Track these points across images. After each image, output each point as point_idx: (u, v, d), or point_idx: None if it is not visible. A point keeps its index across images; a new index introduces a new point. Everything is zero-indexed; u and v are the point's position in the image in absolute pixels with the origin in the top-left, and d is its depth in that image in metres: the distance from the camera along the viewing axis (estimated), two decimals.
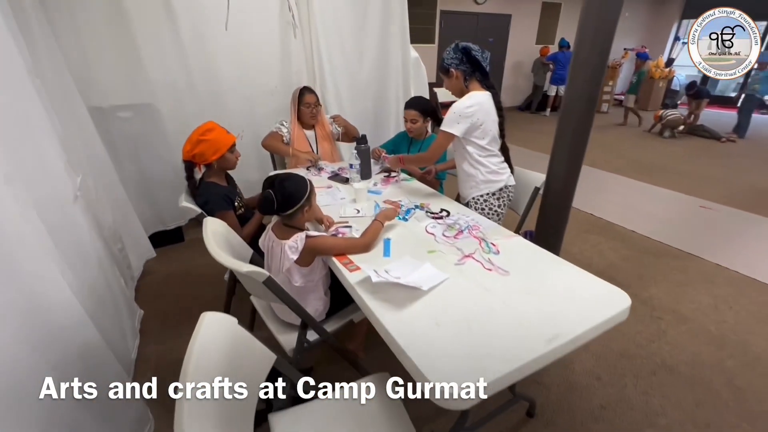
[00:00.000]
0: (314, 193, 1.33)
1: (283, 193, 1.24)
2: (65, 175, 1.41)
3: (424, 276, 1.18)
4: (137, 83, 2.32)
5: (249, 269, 1.05)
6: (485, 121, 1.58)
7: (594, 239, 2.88)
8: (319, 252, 1.31)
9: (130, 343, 1.68)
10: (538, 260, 1.30)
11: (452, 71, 1.58)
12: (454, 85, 1.63)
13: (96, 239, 1.58)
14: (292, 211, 1.27)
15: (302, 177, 1.31)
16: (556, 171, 1.63)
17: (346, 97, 3.09)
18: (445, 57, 1.59)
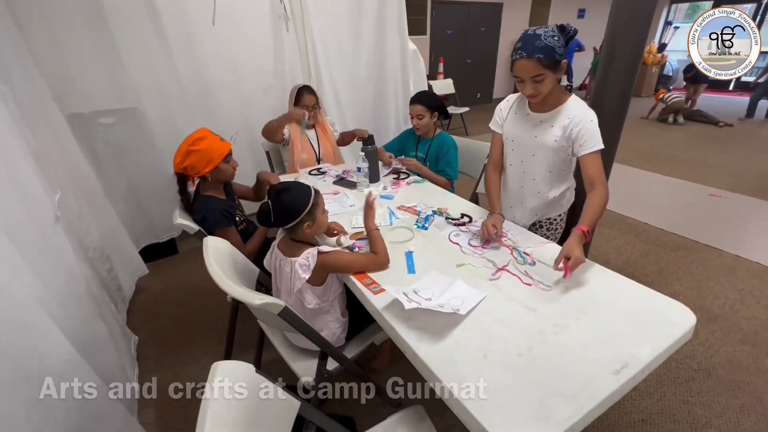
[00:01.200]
0: (319, 206, 1.19)
1: (280, 204, 1.11)
2: (42, 193, 1.24)
3: (458, 296, 1.05)
4: (119, 86, 2.13)
5: (263, 301, 0.91)
6: None
7: (608, 234, 2.78)
8: (335, 270, 1.18)
9: (130, 373, 1.53)
10: (578, 270, 1.18)
11: (564, 62, 1.19)
12: (552, 82, 1.20)
13: (82, 263, 1.42)
14: (291, 225, 1.13)
15: (306, 187, 1.18)
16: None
17: (343, 93, 2.94)
18: (554, 44, 1.15)
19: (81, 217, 1.64)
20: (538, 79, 1.17)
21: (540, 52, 1.14)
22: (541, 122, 1.31)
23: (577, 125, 1.22)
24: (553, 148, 1.30)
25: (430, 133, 2.07)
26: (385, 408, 1.50)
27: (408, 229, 1.44)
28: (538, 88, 1.19)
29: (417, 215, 1.53)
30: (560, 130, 1.26)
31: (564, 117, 1.26)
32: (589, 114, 1.23)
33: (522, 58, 1.16)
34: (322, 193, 1.75)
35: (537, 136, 1.32)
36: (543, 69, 1.15)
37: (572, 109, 1.25)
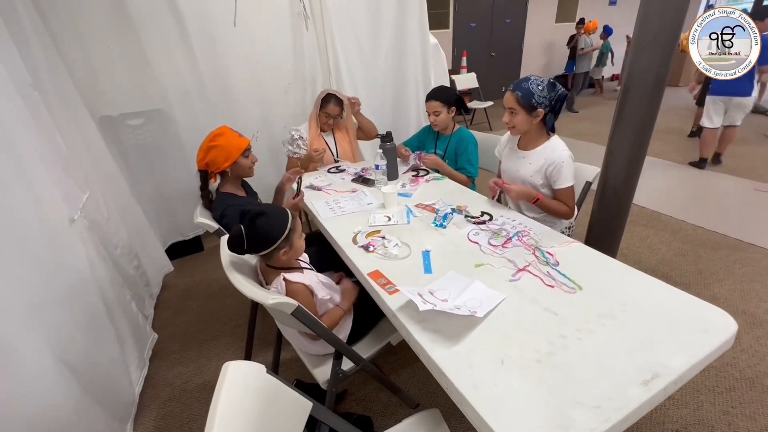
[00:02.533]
0: (296, 230, 1.12)
1: (255, 231, 1.03)
2: (57, 197, 1.29)
3: (476, 297, 1.01)
4: (146, 89, 2.20)
5: (275, 300, 0.91)
6: None
7: (641, 232, 2.64)
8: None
9: (135, 376, 1.57)
10: (605, 271, 1.11)
11: (539, 110, 1.41)
12: (524, 122, 1.44)
13: (99, 263, 1.47)
14: (265, 253, 1.08)
15: (283, 211, 1.10)
16: (615, 164, 1.42)
17: (363, 90, 2.91)
18: (536, 91, 1.38)
19: (109, 217, 1.70)
20: (513, 112, 1.43)
21: (520, 91, 1.40)
22: (523, 158, 1.54)
23: (551, 166, 1.44)
24: (527, 181, 1.52)
25: (449, 129, 2.02)
26: (403, 409, 1.49)
27: (424, 228, 1.40)
28: (512, 120, 1.45)
29: (435, 213, 1.49)
30: (536, 168, 1.49)
31: (540, 157, 1.48)
32: (562, 155, 1.42)
33: (509, 90, 1.44)
34: (340, 191, 1.78)
35: (519, 170, 1.55)
36: (517, 105, 1.41)
37: (548, 152, 1.46)
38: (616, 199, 1.45)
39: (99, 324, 1.42)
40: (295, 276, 1.12)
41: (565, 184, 1.43)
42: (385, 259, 1.23)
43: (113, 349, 1.47)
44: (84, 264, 1.40)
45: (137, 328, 1.66)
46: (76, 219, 1.40)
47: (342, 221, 1.51)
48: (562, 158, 1.42)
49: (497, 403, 0.73)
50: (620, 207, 1.47)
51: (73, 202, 1.41)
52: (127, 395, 1.52)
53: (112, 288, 1.55)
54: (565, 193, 1.45)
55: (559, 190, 1.46)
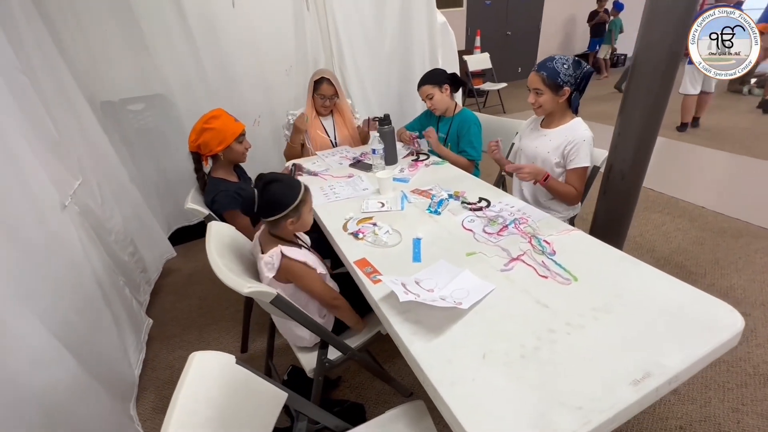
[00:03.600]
0: (307, 203, 1.13)
1: (267, 195, 1.06)
2: (47, 182, 1.29)
3: (464, 288, 0.97)
4: (146, 74, 2.19)
5: (252, 289, 0.89)
6: None
7: (656, 219, 2.52)
8: (294, 280, 1.11)
9: (133, 359, 1.60)
10: (605, 262, 1.05)
11: (565, 89, 1.39)
12: (550, 101, 1.42)
13: (91, 248, 1.48)
14: (273, 219, 1.08)
15: (296, 182, 1.13)
16: (624, 146, 1.33)
17: (367, 73, 2.83)
18: (561, 70, 1.36)
19: (104, 203, 1.71)
20: (538, 93, 1.41)
21: (546, 71, 1.37)
22: (544, 135, 1.51)
23: (570, 144, 1.41)
24: (544, 158, 1.49)
25: (450, 111, 1.93)
26: (397, 397, 1.47)
27: (417, 215, 1.35)
28: (538, 100, 1.42)
29: (431, 200, 1.44)
30: (555, 146, 1.45)
31: (561, 135, 1.44)
32: (584, 134, 1.39)
33: (534, 70, 1.41)
34: (336, 177, 1.74)
35: (538, 146, 1.52)
36: (543, 85, 1.39)
37: (570, 130, 1.43)
38: (623, 183, 1.36)
39: (95, 307, 1.44)
40: (293, 251, 1.09)
41: (580, 164, 1.39)
42: (375, 246, 1.19)
43: (111, 332, 1.49)
44: (78, 249, 1.41)
45: (132, 313, 1.68)
46: (67, 205, 1.40)
47: (335, 207, 1.47)
48: (583, 137, 1.39)
49: (473, 401, 0.70)
50: (628, 192, 1.38)
51: (63, 188, 1.42)
52: (128, 377, 1.55)
53: (106, 273, 1.57)
54: (576, 174, 1.42)
55: (572, 171, 1.42)
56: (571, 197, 1.43)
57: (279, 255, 1.07)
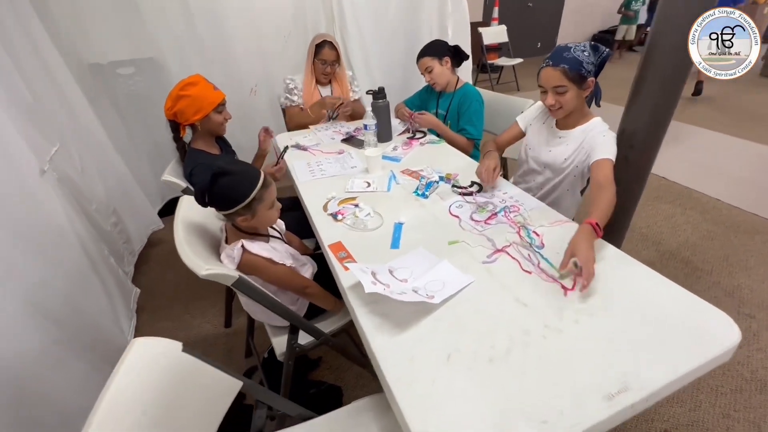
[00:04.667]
0: (265, 201, 1.01)
1: (216, 189, 0.95)
2: (25, 147, 1.24)
3: (439, 279, 0.90)
4: (136, 36, 2.08)
5: (210, 272, 0.83)
6: None
7: (666, 210, 2.39)
8: (258, 276, 1.03)
9: (125, 325, 1.59)
10: (597, 259, 0.96)
11: (590, 80, 1.16)
12: (575, 98, 1.17)
13: (75, 217, 1.45)
14: (226, 214, 0.99)
15: (254, 177, 0.98)
16: (632, 130, 1.21)
17: (371, 43, 2.68)
18: (583, 58, 1.12)
19: (84, 171, 1.67)
20: (560, 91, 1.16)
21: (566, 63, 1.13)
22: (560, 138, 1.29)
23: (591, 139, 1.20)
24: (560, 166, 1.29)
25: (451, 86, 1.81)
26: (376, 382, 1.44)
27: (403, 197, 1.28)
28: (560, 100, 1.17)
29: (419, 181, 1.35)
30: (573, 149, 1.25)
31: (581, 136, 1.23)
32: (605, 131, 1.19)
33: (547, 66, 1.16)
34: (326, 152, 1.66)
35: (551, 150, 1.31)
36: (566, 81, 1.14)
37: (590, 128, 1.22)
38: (627, 169, 1.25)
39: (83, 275, 1.42)
40: (256, 246, 1.01)
41: (606, 155, 1.12)
42: (353, 229, 1.13)
43: (101, 300, 1.48)
44: (62, 216, 1.37)
45: (120, 281, 1.67)
46: (46, 170, 1.36)
47: (319, 185, 1.40)
48: (605, 130, 1.19)
49: (429, 404, 0.65)
50: (633, 180, 1.27)
51: (41, 154, 1.37)
52: (120, 342, 1.55)
53: (91, 241, 1.54)
54: (604, 165, 1.11)
55: (598, 162, 1.12)
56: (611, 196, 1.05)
57: (240, 250, 0.99)
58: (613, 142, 1.16)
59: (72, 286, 1.30)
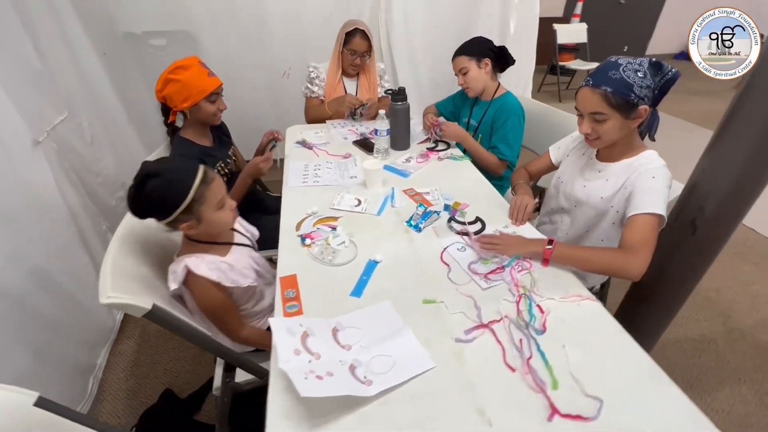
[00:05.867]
0: (208, 200, 0.84)
1: (146, 195, 0.79)
2: (17, 116, 1.19)
3: (392, 356, 0.70)
4: (172, 6, 2.03)
5: (111, 301, 0.69)
6: None
7: (747, 273, 1.93)
8: (197, 302, 0.88)
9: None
10: (614, 367, 0.69)
11: (642, 108, 0.88)
12: (618, 129, 0.91)
13: (69, 189, 1.41)
14: (167, 223, 0.83)
15: (185, 175, 0.82)
16: (708, 188, 0.88)
17: (417, 32, 2.42)
18: (635, 80, 0.86)
19: (93, 143, 1.63)
20: (599, 118, 0.91)
21: (609, 84, 0.87)
22: (599, 171, 1.03)
23: (635, 181, 0.93)
24: (596, 206, 1.03)
25: (489, 93, 1.53)
26: None
27: (396, 228, 1.06)
28: (597, 129, 0.93)
29: (416, 208, 1.13)
30: (614, 187, 0.98)
31: (625, 171, 0.97)
32: (657, 171, 0.91)
33: (586, 86, 0.92)
34: (332, 154, 1.47)
35: (586, 185, 1.06)
36: (606, 107, 0.89)
37: (638, 165, 0.95)
38: (691, 240, 0.93)
39: (70, 251, 1.39)
40: (204, 266, 0.84)
41: (647, 209, 0.87)
42: (317, 261, 0.94)
43: (89, 276, 1.45)
44: (51, 188, 1.34)
45: None
46: (41, 141, 1.32)
47: (307, 194, 1.23)
48: (656, 173, 0.90)
49: None
50: (696, 253, 0.95)
51: (38, 123, 1.33)
52: (106, 321, 1.54)
53: (87, 216, 1.51)
54: (641, 224, 0.87)
55: (635, 218, 0.88)
56: (626, 261, 0.84)
57: (184, 270, 0.84)
58: (664, 190, 0.89)
59: (55, 261, 1.26)
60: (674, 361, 1.49)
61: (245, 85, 2.36)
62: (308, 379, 0.60)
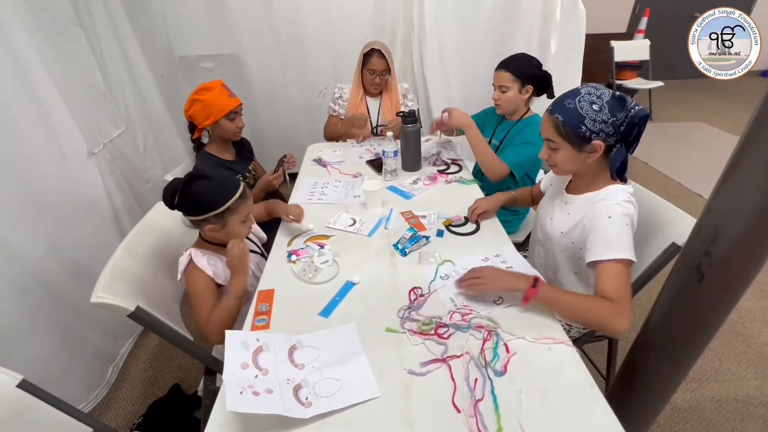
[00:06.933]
0: (239, 213, 0.96)
1: (188, 192, 0.91)
2: (76, 131, 1.39)
3: (340, 380, 0.71)
4: (221, 32, 2.24)
5: (98, 301, 0.78)
6: None
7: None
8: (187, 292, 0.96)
9: None
10: (573, 419, 0.64)
11: (596, 143, 0.85)
12: (571, 162, 0.90)
13: (117, 194, 1.60)
14: (195, 220, 0.95)
15: (232, 186, 0.95)
16: (715, 229, 0.77)
17: (451, 54, 2.41)
18: (588, 113, 0.83)
19: (145, 152, 1.84)
20: (552, 146, 0.91)
21: (562, 114, 0.86)
22: (566, 204, 1.00)
23: (591, 219, 0.88)
24: (558, 242, 0.99)
25: (517, 115, 1.47)
26: None
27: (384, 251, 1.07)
28: (552, 156, 0.92)
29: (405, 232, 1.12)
30: (573, 222, 0.94)
31: (584, 207, 0.92)
32: (613, 209, 0.85)
33: (547, 110, 0.91)
34: (343, 173, 1.52)
35: (552, 218, 1.02)
36: (556, 135, 0.88)
37: (597, 201, 0.90)
38: (698, 291, 0.82)
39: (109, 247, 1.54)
40: (205, 260, 0.95)
41: (606, 255, 0.81)
42: (297, 278, 0.98)
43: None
44: (100, 193, 1.53)
45: None
46: (95, 152, 1.52)
47: (308, 212, 1.27)
48: (608, 210, 0.85)
49: None
50: (706, 303, 0.83)
51: (96, 137, 1.53)
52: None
53: (129, 217, 1.69)
54: (608, 272, 0.81)
55: (600, 266, 0.83)
56: (608, 320, 0.77)
57: (187, 258, 0.95)
58: (622, 228, 0.83)
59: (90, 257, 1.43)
60: (708, 422, 1.31)
61: (284, 101, 2.53)
62: (243, 393, 0.63)
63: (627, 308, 0.77)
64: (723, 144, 3.49)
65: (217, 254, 1.00)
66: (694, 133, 3.74)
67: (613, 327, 0.77)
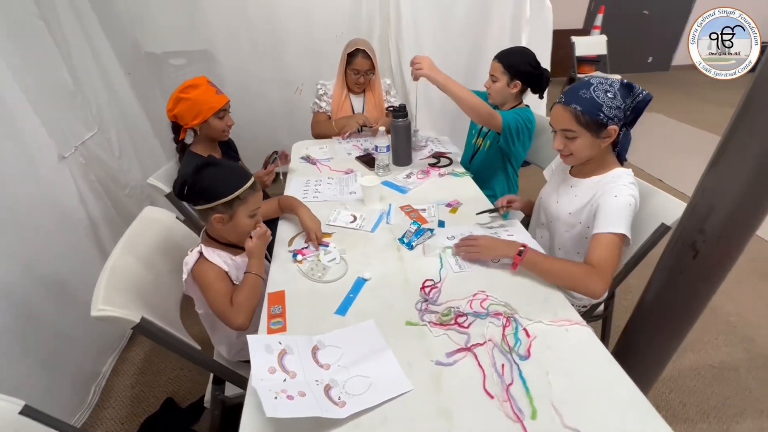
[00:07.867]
0: (247, 204, 0.92)
1: (198, 179, 0.89)
2: (45, 134, 1.28)
3: (370, 376, 0.70)
4: (192, 28, 2.13)
5: (100, 314, 0.72)
6: None
7: None
8: (198, 287, 0.92)
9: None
10: (601, 399, 0.66)
11: (611, 128, 0.92)
12: (588, 147, 0.96)
13: (92, 200, 1.49)
14: (202, 209, 0.91)
15: (243, 176, 0.93)
16: (708, 207, 0.83)
17: (429, 51, 2.39)
18: (604, 100, 0.90)
19: (122, 156, 1.72)
20: (569, 135, 0.96)
21: (579, 103, 0.91)
22: (571, 187, 1.06)
23: (599, 198, 0.95)
24: (566, 221, 1.06)
25: (507, 106, 1.50)
26: None
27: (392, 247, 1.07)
28: (569, 146, 0.97)
29: (409, 226, 1.12)
30: (581, 202, 1.01)
31: (593, 189, 0.99)
32: (620, 190, 0.93)
33: (559, 103, 0.96)
34: (334, 170, 1.49)
35: (558, 201, 1.09)
36: (575, 125, 0.93)
37: (605, 182, 0.97)
38: (691, 267, 0.88)
39: (87, 260, 1.45)
40: (216, 256, 0.91)
41: (609, 228, 0.88)
42: (306, 277, 0.95)
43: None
44: (74, 201, 1.42)
45: None
46: (67, 156, 1.41)
47: None
48: (618, 191, 0.92)
49: None
50: (699, 278, 0.89)
51: (67, 139, 1.42)
52: (117, 329, 1.59)
53: (107, 226, 1.58)
54: (603, 243, 0.88)
55: (598, 236, 0.90)
56: (582, 282, 0.86)
57: (196, 255, 0.90)
58: (626, 208, 0.90)
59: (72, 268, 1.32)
60: (690, 389, 1.41)
61: (260, 99, 2.45)
62: (278, 398, 0.60)
63: (606, 274, 0.86)
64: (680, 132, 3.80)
65: (227, 252, 0.96)
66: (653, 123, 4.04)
67: (589, 289, 0.85)
